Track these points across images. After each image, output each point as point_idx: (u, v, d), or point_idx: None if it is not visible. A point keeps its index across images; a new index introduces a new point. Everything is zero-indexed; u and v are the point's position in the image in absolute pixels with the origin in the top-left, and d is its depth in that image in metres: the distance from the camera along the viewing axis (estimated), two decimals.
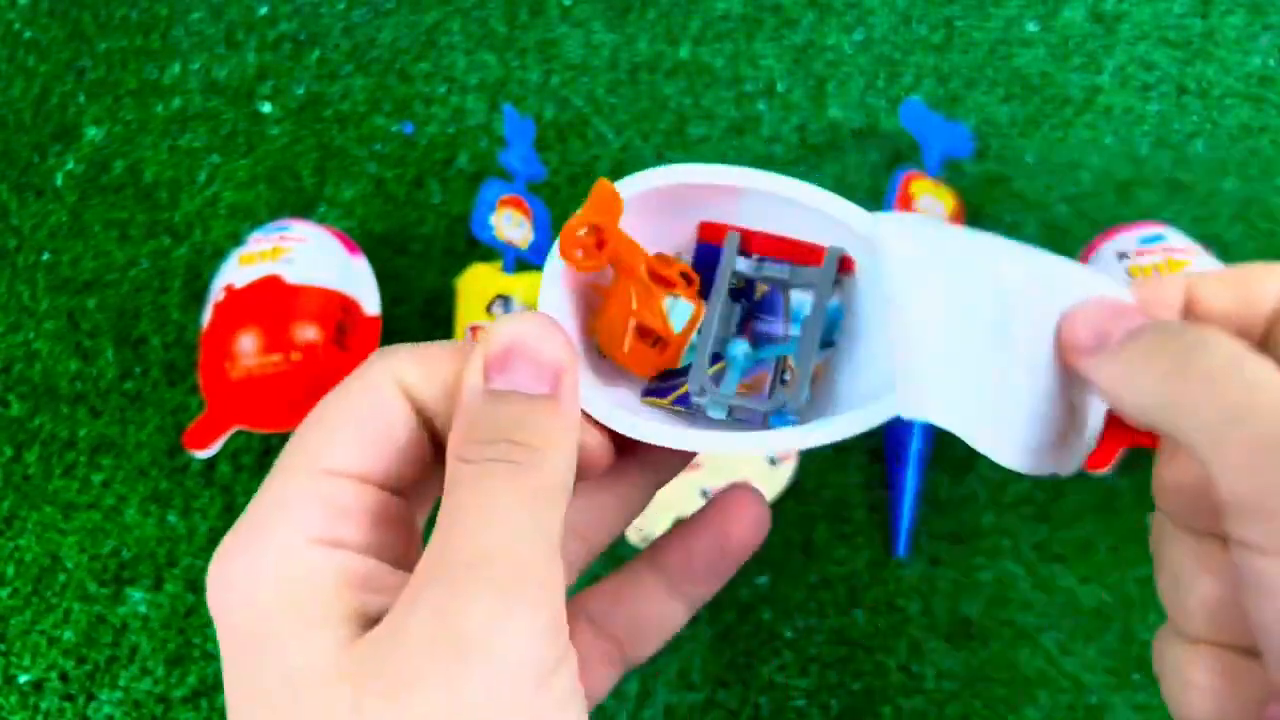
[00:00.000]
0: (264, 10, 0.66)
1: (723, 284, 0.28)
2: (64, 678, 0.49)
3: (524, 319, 0.23)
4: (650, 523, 0.46)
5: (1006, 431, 0.25)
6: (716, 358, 0.28)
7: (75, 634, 0.50)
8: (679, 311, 0.28)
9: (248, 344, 0.49)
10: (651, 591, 0.28)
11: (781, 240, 0.28)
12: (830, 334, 0.28)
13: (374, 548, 0.22)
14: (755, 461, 0.47)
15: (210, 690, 0.48)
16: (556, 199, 0.59)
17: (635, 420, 0.26)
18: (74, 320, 0.58)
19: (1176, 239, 0.49)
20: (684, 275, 0.28)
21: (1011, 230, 0.57)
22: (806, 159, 0.60)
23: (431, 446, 0.24)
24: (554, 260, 0.26)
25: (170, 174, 0.62)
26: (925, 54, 0.63)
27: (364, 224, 0.60)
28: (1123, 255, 0.49)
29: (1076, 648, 0.46)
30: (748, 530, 0.28)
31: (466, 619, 0.19)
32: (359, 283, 0.53)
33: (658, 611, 0.28)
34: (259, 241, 0.52)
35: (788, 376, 0.28)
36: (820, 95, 0.62)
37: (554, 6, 0.66)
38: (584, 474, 0.24)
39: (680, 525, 0.28)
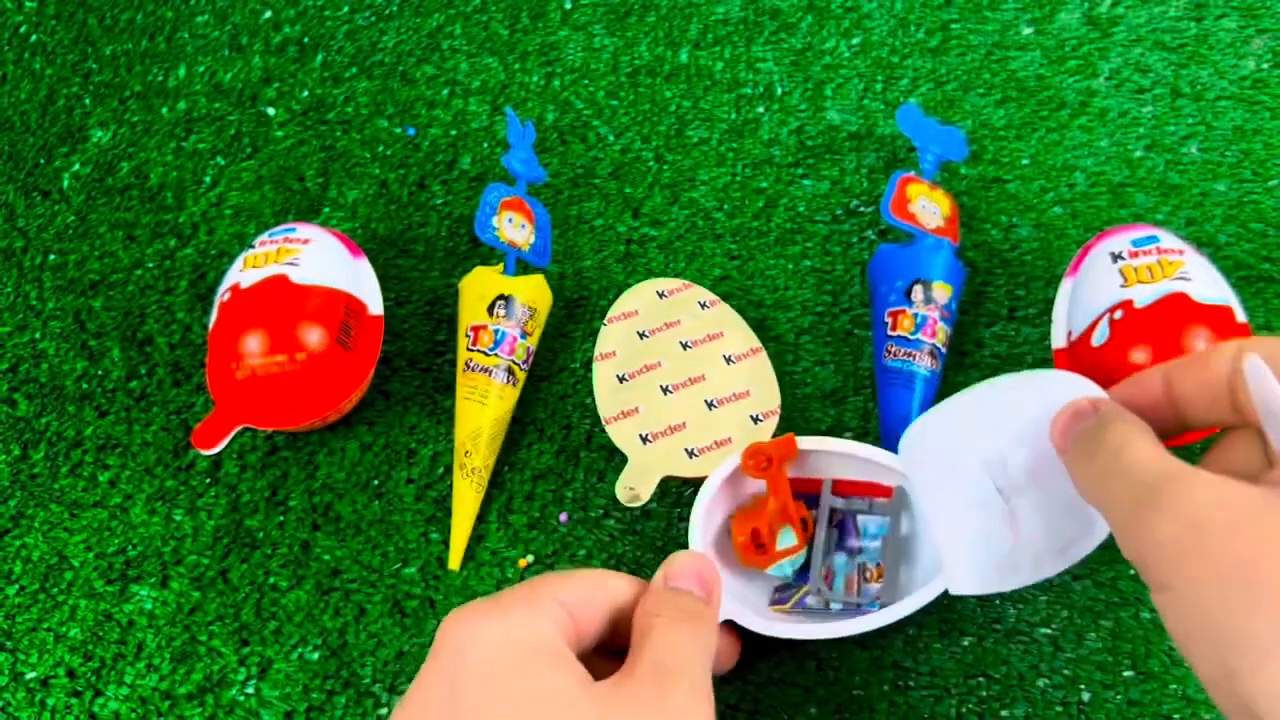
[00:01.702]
0: (268, 14, 0.67)
1: (825, 514, 0.46)
2: (71, 674, 0.50)
3: (693, 557, 0.38)
4: (639, 482, 0.48)
5: (1028, 571, 0.39)
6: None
7: (82, 631, 0.51)
8: (785, 538, 0.44)
9: (253, 344, 0.49)
10: None
11: (851, 483, 0.47)
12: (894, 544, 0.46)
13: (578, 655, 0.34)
14: (739, 423, 0.50)
15: (215, 686, 0.49)
16: (557, 201, 0.60)
17: (765, 621, 0.43)
18: (80, 320, 0.59)
19: (1169, 240, 0.50)
20: (804, 520, 0.45)
21: (1007, 232, 0.58)
22: (804, 162, 0.61)
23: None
24: (717, 473, 0.46)
25: (176, 176, 0.62)
26: (922, 58, 0.63)
27: (367, 225, 0.60)
28: (1116, 257, 0.50)
29: (1069, 644, 0.46)
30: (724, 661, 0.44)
31: (673, 695, 0.31)
32: (363, 284, 0.53)
33: None
34: (264, 244, 0.53)
35: (869, 575, 0.45)
36: (818, 99, 0.63)
37: (555, 11, 0.66)
38: (716, 669, 0.39)
39: None
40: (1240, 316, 0.48)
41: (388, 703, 0.48)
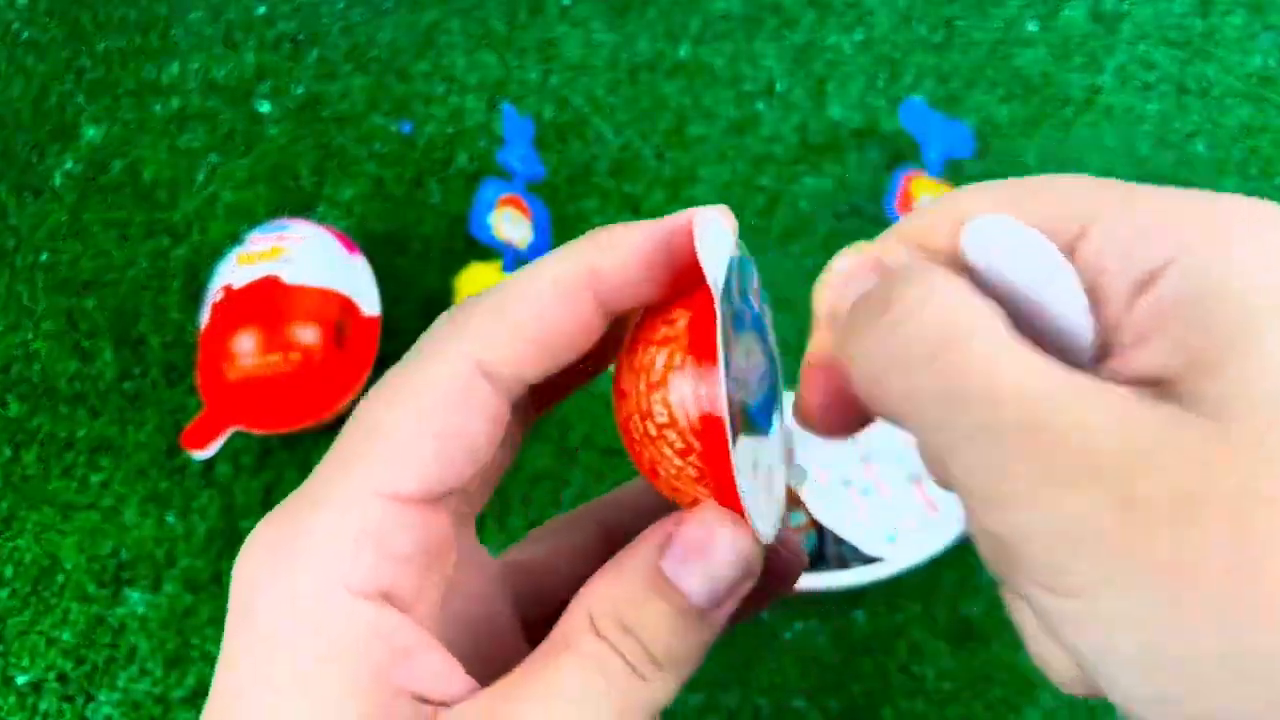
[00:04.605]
0: (262, 10, 0.66)
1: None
2: (62, 678, 0.49)
3: (732, 526, 0.19)
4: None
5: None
6: None
7: (74, 635, 0.50)
8: (794, 518, 0.46)
9: (246, 344, 0.49)
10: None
11: None
12: None
13: (419, 589, 0.19)
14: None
15: (209, 691, 0.48)
16: (556, 198, 0.59)
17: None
18: (73, 320, 0.58)
19: None
20: None
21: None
22: (806, 158, 0.60)
23: (514, 421, 0.20)
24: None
25: (169, 174, 0.62)
26: (925, 54, 0.63)
27: (363, 223, 0.59)
28: None
29: None
30: None
31: None
32: (358, 282, 0.53)
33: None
34: (257, 241, 0.52)
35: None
36: (820, 95, 0.62)
37: (553, 6, 0.66)
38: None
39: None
40: None
41: None
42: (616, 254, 0.19)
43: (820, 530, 0.46)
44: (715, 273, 0.18)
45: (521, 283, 0.19)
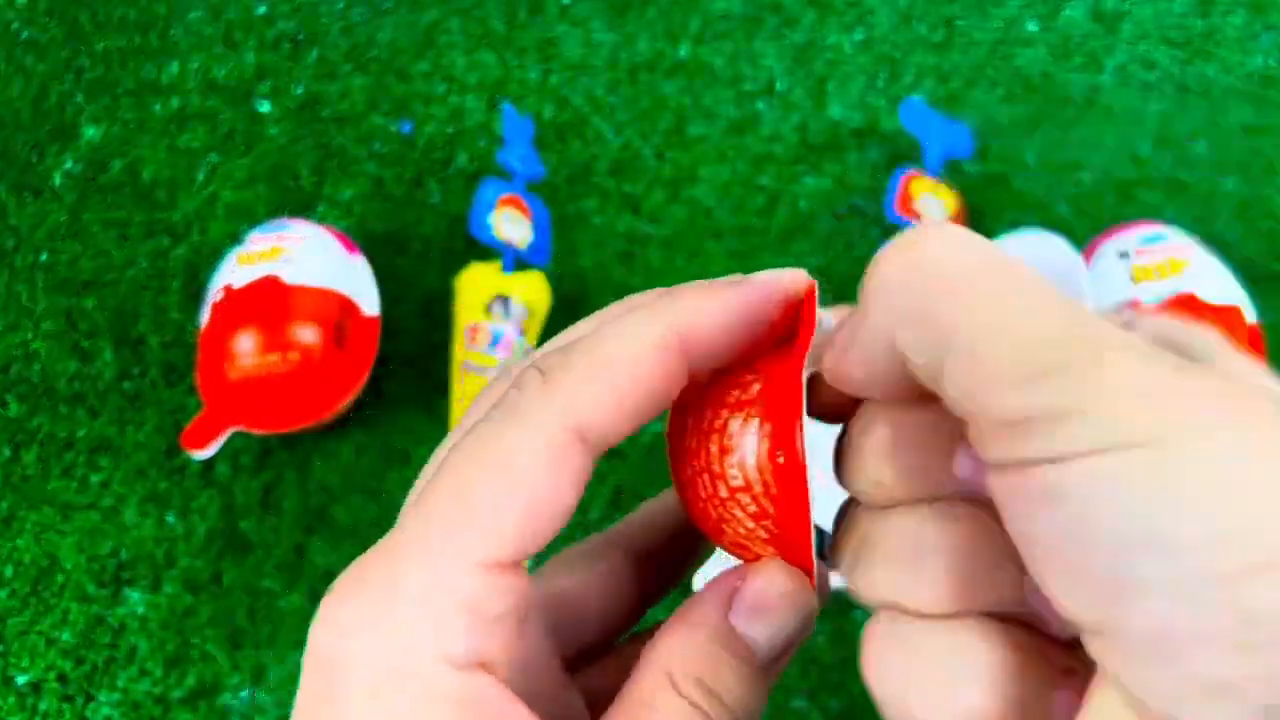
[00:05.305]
0: (262, 10, 0.66)
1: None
2: (62, 679, 0.49)
3: (792, 587, 0.21)
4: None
5: None
6: None
7: (73, 635, 0.50)
8: None
9: (246, 344, 0.49)
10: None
11: None
12: None
13: (507, 650, 0.19)
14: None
15: (208, 692, 0.48)
16: (556, 198, 0.59)
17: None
18: (72, 320, 0.58)
19: (1178, 238, 0.49)
20: None
21: (1013, 230, 0.57)
22: (806, 158, 0.60)
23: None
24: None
25: (169, 174, 0.62)
26: (926, 53, 0.63)
27: (363, 223, 0.59)
28: (1124, 254, 0.49)
29: None
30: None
31: None
32: (358, 283, 0.53)
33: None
34: (257, 241, 0.52)
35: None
36: (820, 94, 0.62)
37: (553, 5, 0.66)
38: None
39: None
40: (1250, 317, 0.47)
41: None
42: (710, 317, 0.19)
43: (820, 530, 0.46)
44: (804, 351, 0.18)
45: (618, 344, 0.19)
